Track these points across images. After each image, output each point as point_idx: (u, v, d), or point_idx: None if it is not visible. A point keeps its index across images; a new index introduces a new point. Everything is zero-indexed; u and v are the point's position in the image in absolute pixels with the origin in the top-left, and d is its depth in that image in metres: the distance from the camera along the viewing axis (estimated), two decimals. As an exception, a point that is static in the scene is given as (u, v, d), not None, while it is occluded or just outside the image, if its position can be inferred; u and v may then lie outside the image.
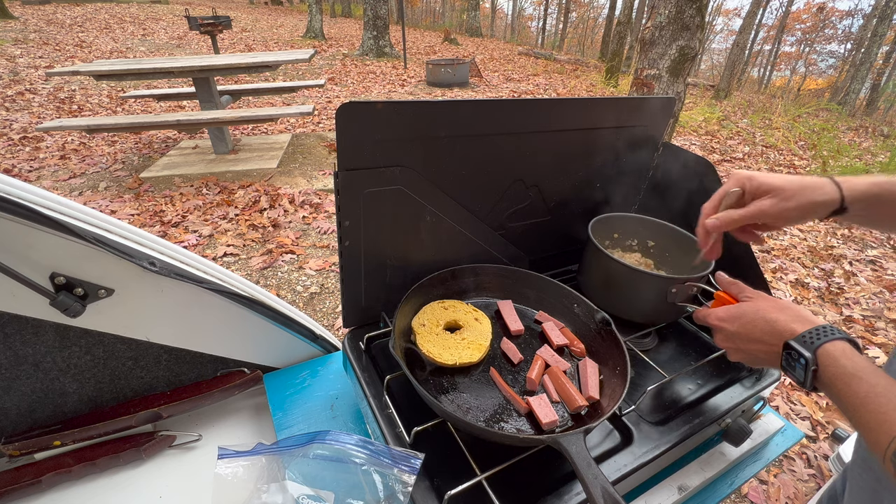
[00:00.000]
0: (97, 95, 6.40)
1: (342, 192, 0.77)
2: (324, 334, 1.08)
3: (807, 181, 0.66)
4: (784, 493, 1.79)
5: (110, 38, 10.84)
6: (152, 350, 0.92)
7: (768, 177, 0.69)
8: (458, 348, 0.83)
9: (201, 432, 0.94)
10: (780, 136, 7.28)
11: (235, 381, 0.97)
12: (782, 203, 0.66)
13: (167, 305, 0.86)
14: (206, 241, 3.12)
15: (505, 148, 0.93)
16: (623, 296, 0.96)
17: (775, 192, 0.67)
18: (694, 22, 3.27)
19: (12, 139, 4.61)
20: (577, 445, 0.61)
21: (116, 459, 0.85)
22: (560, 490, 0.67)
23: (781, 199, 0.66)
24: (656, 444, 0.75)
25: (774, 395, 2.26)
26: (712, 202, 0.74)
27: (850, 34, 24.87)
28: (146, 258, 0.73)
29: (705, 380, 0.91)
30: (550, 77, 11.18)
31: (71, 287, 0.73)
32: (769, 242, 3.76)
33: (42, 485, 0.80)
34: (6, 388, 0.81)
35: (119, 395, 0.94)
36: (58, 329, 0.81)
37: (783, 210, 0.66)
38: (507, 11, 41.91)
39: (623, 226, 1.16)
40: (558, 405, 0.77)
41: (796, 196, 0.66)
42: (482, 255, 1.04)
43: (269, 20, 17.89)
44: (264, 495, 0.67)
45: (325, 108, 6.75)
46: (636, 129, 1.10)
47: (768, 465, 0.94)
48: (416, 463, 0.66)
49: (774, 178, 0.68)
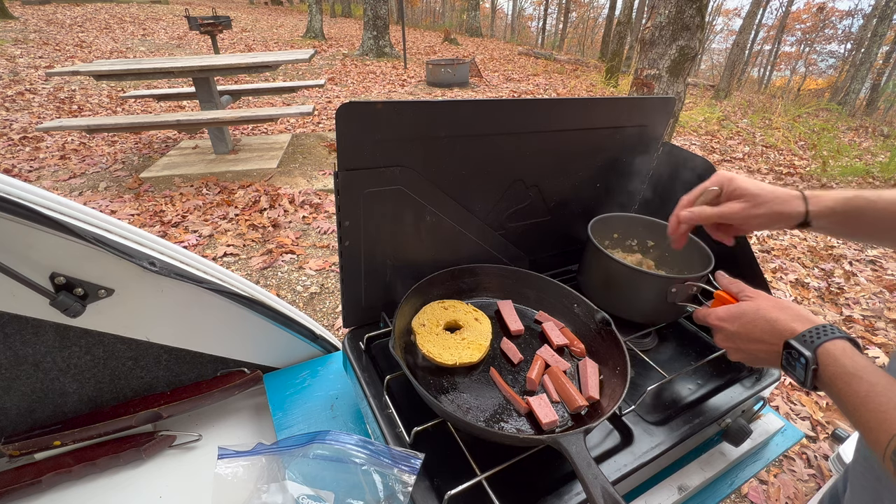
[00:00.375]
0: (97, 95, 6.40)
1: (342, 192, 0.77)
2: (324, 334, 1.08)
3: (779, 192, 0.70)
4: (784, 493, 1.79)
5: (110, 38, 10.84)
6: (152, 350, 0.92)
7: (746, 182, 0.72)
8: (459, 348, 0.83)
9: (201, 432, 0.94)
10: (780, 136, 7.28)
11: (235, 381, 0.97)
12: (751, 209, 0.70)
13: (167, 305, 0.86)
14: (206, 241, 3.12)
15: (505, 148, 0.93)
16: (623, 296, 0.96)
17: (748, 198, 0.70)
18: (694, 22, 3.27)
19: (12, 139, 4.61)
20: (577, 445, 0.61)
21: (116, 459, 0.85)
22: (560, 490, 0.67)
23: (752, 206, 0.70)
24: (656, 444, 0.75)
25: (774, 395, 2.26)
26: (691, 195, 0.77)
27: (850, 34, 24.88)
28: (146, 258, 0.73)
29: (705, 380, 0.91)
30: (550, 77, 11.18)
31: (71, 287, 0.73)
32: (769, 242, 3.76)
33: (42, 485, 0.80)
34: (6, 388, 0.81)
35: (119, 395, 0.94)
36: (58, 329, 0.81)
37: (750, 216, 0.70)
38: (507, 11, 41.93)
39: (623, 226, 1.16)
40: (558, 405, 0.77)
41: (765, 205, 0.69)
42: (482, 255, 1.04)
43: (268, 20, 17.90)
44: (264, 495, 0.67)
45: (325, 109, 6.75)
46: (636, 129, 1.10)
47: (768, 465, 0.94)
48: (416, 463, 0.66)
49: (751, 184, 0.71)
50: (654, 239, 1.14)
